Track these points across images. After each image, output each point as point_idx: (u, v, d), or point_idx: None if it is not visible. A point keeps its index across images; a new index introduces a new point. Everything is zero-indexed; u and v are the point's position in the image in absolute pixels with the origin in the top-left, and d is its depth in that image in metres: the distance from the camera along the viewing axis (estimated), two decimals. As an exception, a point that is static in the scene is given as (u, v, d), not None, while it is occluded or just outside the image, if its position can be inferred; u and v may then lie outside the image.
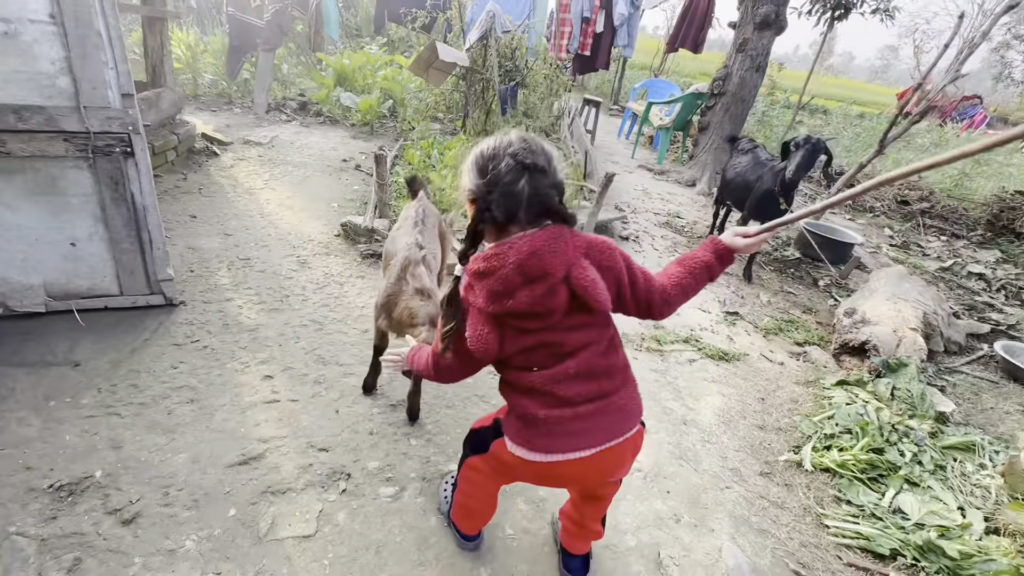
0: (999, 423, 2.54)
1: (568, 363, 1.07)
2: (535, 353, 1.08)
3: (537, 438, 1.11)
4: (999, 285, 4.63)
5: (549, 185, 1.02)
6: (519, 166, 0.99)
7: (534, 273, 0.99)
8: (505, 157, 1.00)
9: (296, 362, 2.23)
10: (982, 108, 18.75)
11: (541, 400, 1.09)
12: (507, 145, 1.01)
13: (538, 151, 1.02)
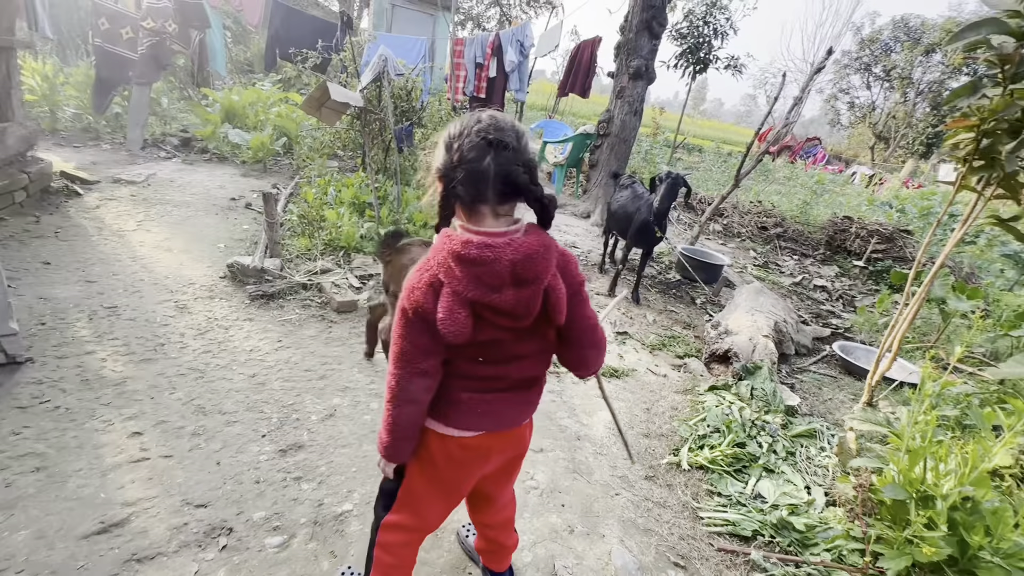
0: (836, 411, 3.00)
1: (514, 365, 1.12)
2: (491, 347, 1.08)
3: (462, 417, 1.15)
4: (838, 295, 5.48)
5: (516, 162, 0.99)
6: (484, 142, 0.96)
7: (526, 276, 1.00)
8: (471, 134, 0.97)
9: (171, 415, 2.06)
10: (821, 147, 22.27)
11: (472, 384, 1.13)
12: (475, 123, 0.99)
13: (505, 128, 0.99)
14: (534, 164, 1.03)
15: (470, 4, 19.62)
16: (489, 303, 1.00)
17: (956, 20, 24.61)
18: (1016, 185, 1.82)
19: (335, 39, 6.92)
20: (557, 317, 1.06)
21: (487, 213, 1.01)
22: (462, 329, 1.01)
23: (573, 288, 1.10)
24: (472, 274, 0.98)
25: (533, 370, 1.18)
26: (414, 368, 1.07)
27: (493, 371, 1.12)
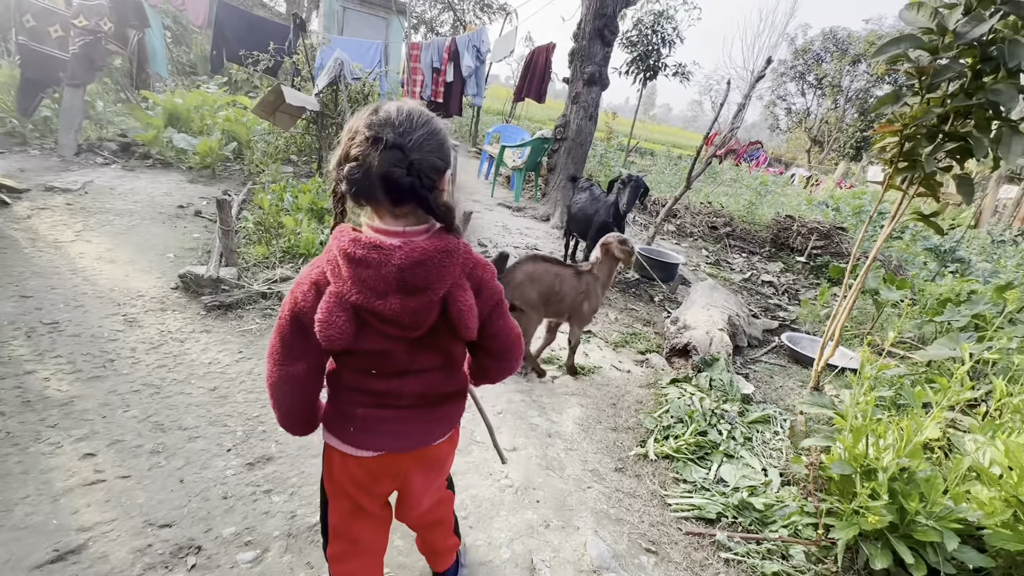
0: (786, 397, 3.19)
1: (409, 379, 1.05)
2: (381, 358, 1.01)
3: (359, 435, 1.07)
4: (783, 289, 5.82)
5: (400, 163, 0.87)
6: (370, 138, 0.87)
7: (415, 284, 0.92)
8: (361, 129, 0.88)
9: (127, 433, 1.96)
10: (764, 151, 23.54)
11: (367, 399, 1.05)
12: (370, 115, 0.90)
13: (397, 124, 0.88)
14: (426, 165, 0.90)
15: (423, 8, 19.53)
16: (373, 309, 0.92)
17: (878, 33, 26.66)
18: (935, 184, 2.02)
19: (287, 41, 6.74)
20: (463, 332, 0.99)
21: (384, 212, 0.94)
22: (340, 335, 0.92)
23: (490, 302, 1.05)
24: (357, 276, 0.91)
25: (436, 386, 1.09)
26: (283, 371, 1.00)
27: (386, 385, 1.04)
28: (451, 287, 0.96)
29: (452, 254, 0.94)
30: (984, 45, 1.77)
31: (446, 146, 0.98)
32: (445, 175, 0.97)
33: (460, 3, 19.30)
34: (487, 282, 1.04)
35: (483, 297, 1.03)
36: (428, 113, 0.95)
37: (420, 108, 0.95)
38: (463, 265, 0.98)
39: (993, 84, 1.76)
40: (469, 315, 0.98)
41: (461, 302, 0.97)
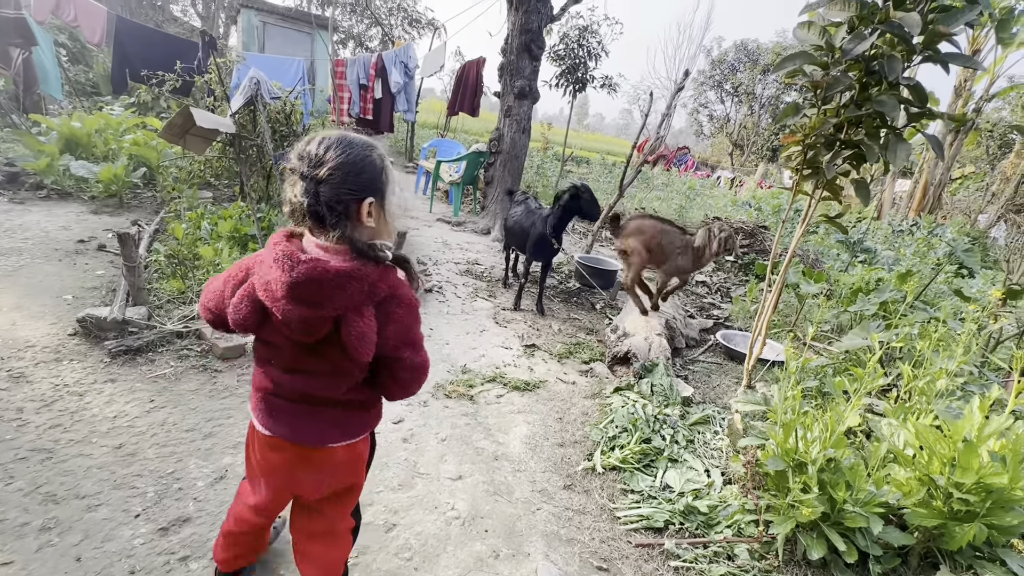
0: (724, 395, 3.31)
1: (297, 377, 1.14)
2: (276, 351, 1.14)
3: (259, 412, 1.21)
4: (716, 288, 6.10)
5: (311, 195, 0.99)
6: (290, 171, 1.03)
7: (308, 298, 0.98)
8: (292, 158, 1.03)
9: (9, 510, 1.71)
10: (691, 155, 24.87)
11: (266, 383, 1.18)
12: (301, 144, 1.04)
13: (309, 157, 1.00)
14: (331, 197, 1.00)
15: (350, 23, 19.17)
16: (270, 308, 1.02)
17: (783, 45, 29.01)
18: (837, 188, 2.16)
19: (197, 60, 6.35)
20: (353, 354, 1.04)
21: (315, 230, 1.05)
22: (243, 321, 1.07)
23: (398, 337, 1.09)
24: (263, 276, 1.02)
25: (320, 390, 1.15)
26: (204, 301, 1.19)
27: (279, 377, 1.16)
28: (347, 310, 1.01)
29: (354, 280, 1.00)
30: (867, 60, 1.92)
31: (364, 176, 1.04)
32: (362, 204, 1.04)
33: (388, 18, 19.12)
34: (397, 317, 1.09)
35: (388, 331, 1.07)
36: (352, 145, 1.04)
37: (345, 140, 1.04)
38: (368, 294, 1.02)
39: (878, 96, 1.91)
40: (360, 341, 1.02)
41: (353, 327, 1.02)
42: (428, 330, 3.67)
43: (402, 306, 1.09)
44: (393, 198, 1.12)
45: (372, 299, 1.03)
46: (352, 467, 1.30)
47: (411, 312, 1.12)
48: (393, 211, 1.13)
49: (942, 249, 7.88)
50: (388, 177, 1.10)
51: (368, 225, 1.06)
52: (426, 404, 2.75)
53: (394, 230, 1.18)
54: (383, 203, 1.09)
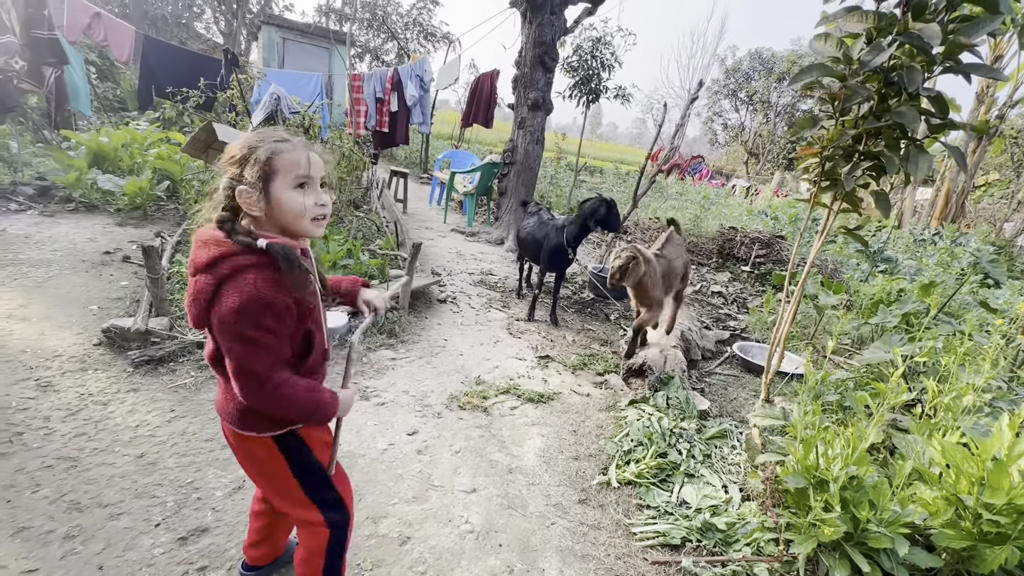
0: (741, 409, 3.26)
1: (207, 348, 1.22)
2: None
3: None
4: (732, 299, 6.03)
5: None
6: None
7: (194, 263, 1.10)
8: None
9: (35, 517, 1.75)
10: (705, 164, 24.73)
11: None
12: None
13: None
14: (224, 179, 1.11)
15: (367, 37, 19.57)
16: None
17: (798, 53, 28.81)
18: (856, 200, 2.13)
19: (219, 76, 6.53)
20: (188, 309, 1.12)
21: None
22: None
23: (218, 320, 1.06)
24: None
25: (213, 365, 1.21)
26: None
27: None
28: (196, 274, 1.09)
29: (210, 245, 1.08)
30: (886, 71, 1.90)
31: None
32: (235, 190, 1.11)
33: (403, 33, 19.48)
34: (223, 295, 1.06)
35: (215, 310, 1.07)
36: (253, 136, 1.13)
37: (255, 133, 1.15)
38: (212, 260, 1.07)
39: (897, 107, 1.89)
40: (193, 303, 1.08)
41: (194, 286, 1.08)
42: (443, 340, 3.68)
43: (236, 286, 1.05)
44: (283, 188, 1.11)
45: (216, 269, 1.07)
46: (254, 463, 1.29)
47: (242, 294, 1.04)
48: (284, 200, 1.11)
49: (966, 259, 7.69)
50: (270, 166, 1.09)
51: (253, 213, 1.11)
52: (440, 416, 2.76)
53: (304, 223, 1.14)
54: (264, 189, 1.10)
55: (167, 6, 15.37)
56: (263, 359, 1.08)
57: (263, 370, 1.08)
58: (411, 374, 3.15)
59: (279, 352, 1.12)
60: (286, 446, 1.27)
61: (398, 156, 12.51)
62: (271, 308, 1.07)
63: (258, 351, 1.07)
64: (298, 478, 1.30)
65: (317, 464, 1.33)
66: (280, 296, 1.08)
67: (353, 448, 2.37)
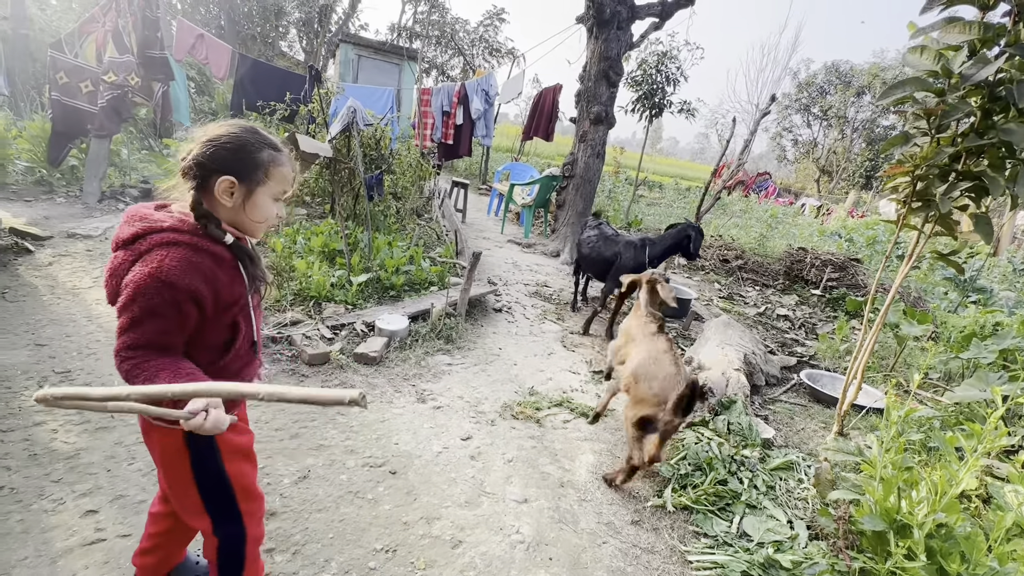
0: (809, 440, 3.06)
1: None
2: None
3: None
4: (800, 323, 5.70)
5: (189, 153, 1.11)
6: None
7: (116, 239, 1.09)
8: None
9: (130, 488, 1.93)
10: (772, 181, 23.64)
11: None
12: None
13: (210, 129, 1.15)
14: (197, 159, 1.09)
15: (434, 53, 20.36)
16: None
17: (880, 65, 27.08)
18: (951, 223, 1.97)
19: (303, 91, 7.01)
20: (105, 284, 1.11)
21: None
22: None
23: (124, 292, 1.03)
24: None
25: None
26: None
27: None
28: (120, 248, 1.08)
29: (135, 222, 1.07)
30: (991, 86, 1.76)
31: (234, 156, 1.11)
32: (220, 178, 1.10)
33: (469, 49, 20.10)
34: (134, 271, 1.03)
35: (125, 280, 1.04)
36: (247, 131, 1.14)
37: (247, 126, 1.15)
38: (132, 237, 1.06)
39: (1004, 124, 1.74)
40: (109, 279, 1.08)
41: (112, 263, 1.07)
42: (498, 349, 3.73)
43: (144, 262, 1.02)
44: (266, 195, 1.14)
45: (135, 245, 1.05)
46: (159, 452, 1.21)
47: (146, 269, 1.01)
48: (261, 206, 1.14)
49: (1079, 293, 6.85)
50: (267, 174, 1.12)
51: (223, 202, 1.11)
52: (493, 423, 2.78)
53: (261, 229, 1.19)
54: (250, 190, 1.12)
55: (256, 27, 16.73)
56: (132, 334, 1.02)
57: (128, 343, 1.02)
58: (466, 380, 3.21)
59: (154, 335, 1.03)
60: (195, 444, 1.19)
61: (459, 167, 12.86)
62: (170, 288, 1.01)
63: (132, 325, 1.02)
64: (197, 481, 1.22)
65: (221, 472, 1.24)
66: (186, 278, 1.03)
67: (410, 448, 2.44)
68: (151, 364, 1.01)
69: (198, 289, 1.05)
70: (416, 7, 19.32)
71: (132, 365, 1.01)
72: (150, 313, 1.01)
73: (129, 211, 1.11)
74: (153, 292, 1.00)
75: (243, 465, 1.31)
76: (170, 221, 1.07)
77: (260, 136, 1.14)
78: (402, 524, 1.98)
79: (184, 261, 1.03)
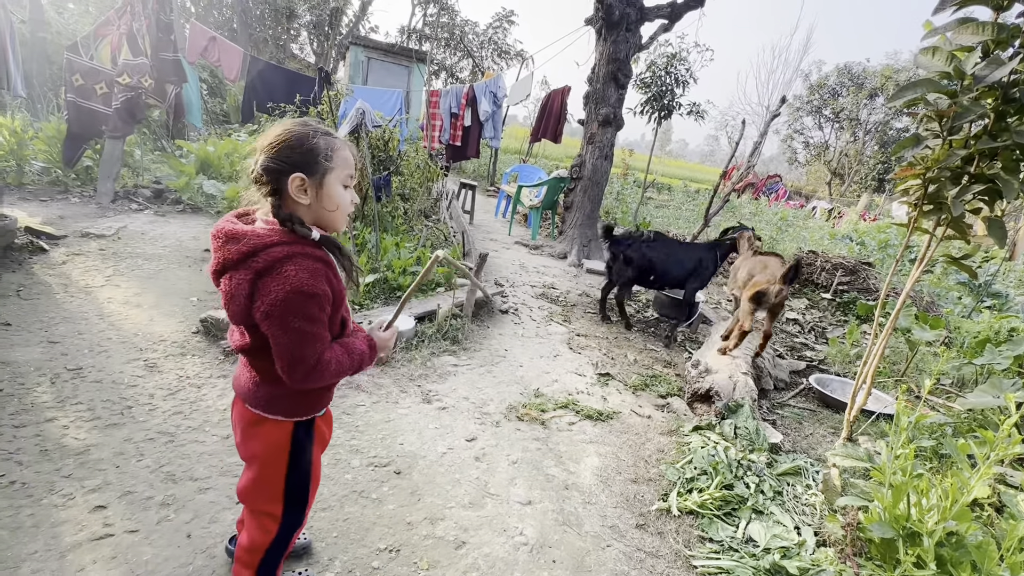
0: (817, 446, 3.03)
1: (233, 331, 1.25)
2: None
3: None
4: (810, 327, 5.64)
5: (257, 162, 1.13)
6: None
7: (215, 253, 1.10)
8: None
9: (138, 484, 1.95)
10: (782, 184, 23.43)
11: None
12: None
13: (270, 134, 1.16)
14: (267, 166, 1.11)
15: (443, 55, 20.45)
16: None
17: (893, 67, 26.76)
18: (963, 227, 1.94)
19: (312, 93, 7.08)
20: (224, 307, 1.12)
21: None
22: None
23: (260, 309, 1.07)
24: None
25: (242, 353, 1.25)
26: None
27: None
28: (226, 267, 1.09)
29: (238, 240, 1.07)
30: (1005, 87, 1.73)
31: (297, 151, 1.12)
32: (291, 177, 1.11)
33: (479, 51, 20.16)
34: (268, 290, 1.07)
35: (259, 302, 1.08)
36: (299, 125, 1.15)
37: (298, 123, 1.16)
38: (244, 255, 1.07)
39: (1018, 126, 1.71)
40: (226, 298, 1.09)
41: (225, 283, 1.09)
42: (504, 350, 3.73)
43: (277, 280, 1.06)
44: (335, 183, 1.16)
45: (249, 264, 1.07)
46: (263, 445, 1.29)
47: (285, 287, 1.06)
48: (334, 195, 1.16)
49: (1097, 299, 6.71)
50: (330, 160, 1.14)
51: (300, 201, 1.13)
52: (498, 425, 2.78)
53: (340, 219, 1.21)
54: (319, 181, 1.14)
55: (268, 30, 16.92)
56: (312, 347, 1.12)
57: (312, 356, 1.12)
58: (471, 381, 3.21)
59: (324, 338, 1.16)
60: (297, 436, 1.30)
61: (467, 169, 12.89)
62: (314, 298, 1.09)
63: (306, 340, 1.10)
64: (288, 470, 1.31)
65: (310, 463, 1.35)
66: (319, 285, 1.10)
67: (415, 449, 2.45)
68: (335, 349, 1.19)
69: (326, 292, 1.13)
70: (426, 10, 19.43)
71: (332, 364, 1.16)
72: (312, 321, 1.11)
73: (219, 229, 1.11)
74: (304, 304, 1.08)
75: (320, 455, 1.44)
76: (272, 234, 1.10)
77: (312, 127, 1.15)
78: (406, 524, 1.98)
79: (308, 269, 1.09)
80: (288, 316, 1.07)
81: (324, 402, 1.37)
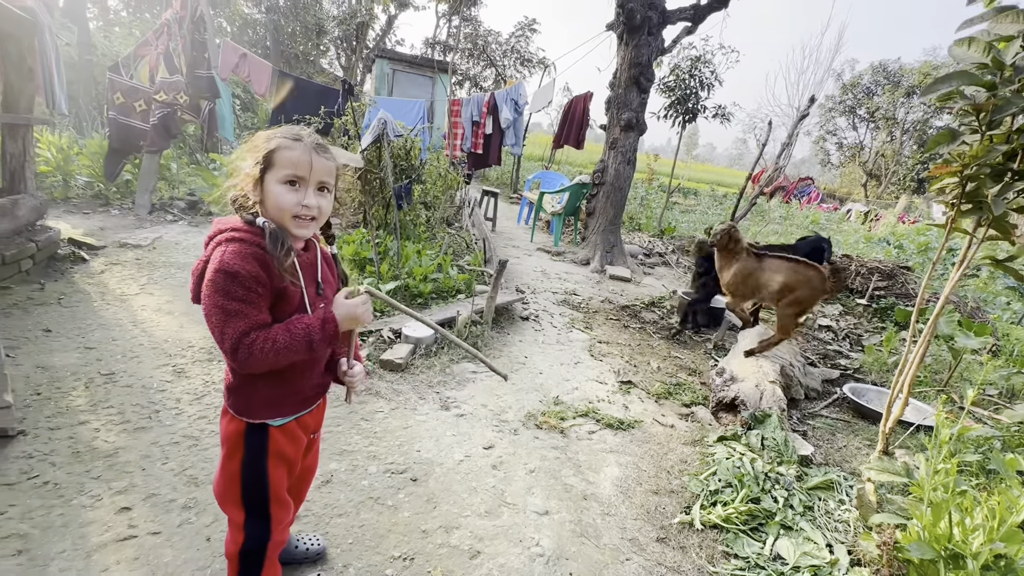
0: (852, 459, 2.88)
1: None
2: None
3: None
4: (844, 334, 5.41)
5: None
6: None
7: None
8: None
9: (162, 487, 2.00)
10: (815, 187, 22.73)
11: None
12: None
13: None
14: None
15: (467, 65, 20.70)
16: None
17: (932, 63, 25.73)
18: (1007, 226, 1.83)
19: (337, 104, 7.25)
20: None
21: None
22: None
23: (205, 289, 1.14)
24: None
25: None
26: None
27: None
28: (209, 248, 1.18)
29: (213, 226, 1.20)
30: (1050, 78, 1.62)
31: (251, 150, 1.22)
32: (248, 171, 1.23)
33: (501, 60, 20.34)
34: (210, 271, 1.13)
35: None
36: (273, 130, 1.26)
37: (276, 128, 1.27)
38: (211, 236, 1.19)
39: (1065, 118, 1.60)
40: (193, 274, 1.18)
41: (208, 260, 1.15)
42: (523, 358, 3.70)
43: (213, 261, 1.13)
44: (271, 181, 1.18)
45: (209, 244, 1.18)
46: (223, 436, 1.30)
47: (213, 266, 1.12)
48: (271, 192, 1.18)
49: None
50: (270, 159, 1.18)
51: (256, 197, 1.21)
52: (516, 433, 2.75)
53: (282, 216, 1.19)
54: (263, 179, 1.19)
55: (299, 46, 17.48)
56: (234, 324, 1.12)
57: (233, 333, 1.11)
58: (490, 388, 3.19)
59: (249, 316, 1.13)
60: (249, 440, 1.28)
61: (490, 177, 12.97)
62: (235, 277, 1.11)
63: (228, 316, 1.11)
64: (242, 473, 1.29)
65: (263, 474, 1.30)
66: (245, 265, 1.12)
67: (431, 456, 2.44)
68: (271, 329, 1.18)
69: (252, 272, 1.14)
70: (450, 21, 19.75)
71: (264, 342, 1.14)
72: (236, 300, 1.14)
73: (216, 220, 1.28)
74: (227, 282, 1.14)
75: (282, 472, 1.35)
76: (232, 222, 1.21)
77: (275, 131, 1.23)
78: (421, 532, 1.97)
79: (240, 252, 1.15)
80: (212, 293, 1.12)
81: (282, 411, 1.30)
